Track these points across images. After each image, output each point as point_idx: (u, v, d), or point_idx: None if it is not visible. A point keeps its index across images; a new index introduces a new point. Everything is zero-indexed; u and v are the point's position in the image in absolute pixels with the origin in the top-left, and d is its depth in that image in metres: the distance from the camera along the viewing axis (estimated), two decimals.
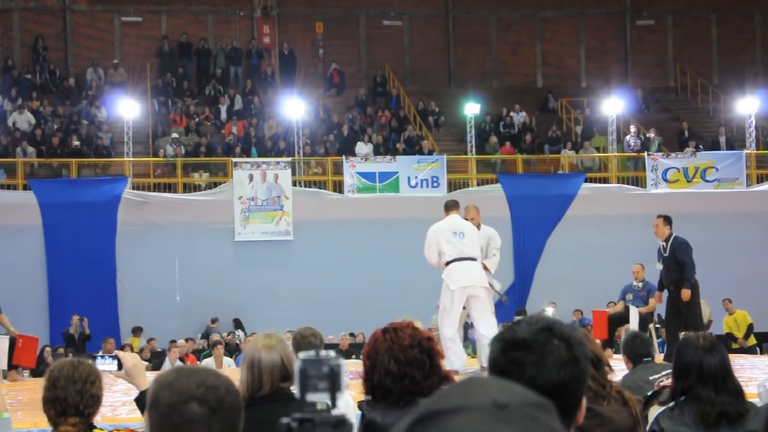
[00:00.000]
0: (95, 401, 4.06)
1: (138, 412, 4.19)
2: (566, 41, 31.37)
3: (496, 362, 2.02)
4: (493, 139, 26.38)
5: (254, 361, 4.30)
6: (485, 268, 11.84)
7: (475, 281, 11.37)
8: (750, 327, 20.36)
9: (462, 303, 11.39)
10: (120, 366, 4.28)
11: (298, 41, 29.82)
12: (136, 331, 21.08)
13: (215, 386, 2.22)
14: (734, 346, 19.61)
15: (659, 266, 12.95)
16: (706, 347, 4.58)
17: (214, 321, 21.75)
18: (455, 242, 11.35)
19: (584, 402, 2.07)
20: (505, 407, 1.48)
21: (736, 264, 22.04)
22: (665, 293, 13.12)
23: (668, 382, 5.10)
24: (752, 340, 20.31)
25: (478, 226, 12.16)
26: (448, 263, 11.37)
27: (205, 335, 21.27)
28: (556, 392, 1.96)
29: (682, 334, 9.95)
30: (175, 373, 2.28)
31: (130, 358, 4.34)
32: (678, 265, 12.59)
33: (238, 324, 21.86)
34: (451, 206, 11.82)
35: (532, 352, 2.00)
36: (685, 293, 12.46)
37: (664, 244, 12.82)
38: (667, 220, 12.94)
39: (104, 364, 4.30)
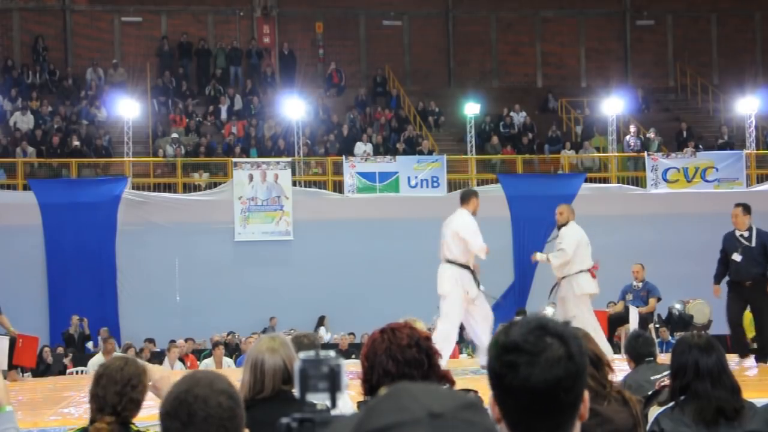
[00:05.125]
0: (135, 405, 4.07)
1: None
2: (566, 41, 31.36)
3: (492, 367, 2.02)
4: (495, 139, 26.37)
5: (257, 363, 4.30)
6: (548, 260, 11.83)
7: (439, 287, 11.17)
8: None
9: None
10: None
11: (298, 41, 29.81)
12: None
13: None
14: None
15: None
16: (702, 346, 4.58)
17: (272, 319, 21.53)
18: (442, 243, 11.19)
19: (587, 397, 2.05)
20: (441, 416, 1.47)
21: None
22: (720, 287, 12.11)
23: (669, 381, 5.10)
24: None
25: (567, 224, 11.84)
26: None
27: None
28: (551, 390, 1.95)
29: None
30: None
31: (157, 370, 4.28)
32: (766, 257, 11.55)
33: (320, 322, 21.68)
34: (462, 198, 11.47)
35: (524, 353, 1.98)
36: None
37: (745, 233, 11.72)
38: (747, 209, 11.80)
39: None
